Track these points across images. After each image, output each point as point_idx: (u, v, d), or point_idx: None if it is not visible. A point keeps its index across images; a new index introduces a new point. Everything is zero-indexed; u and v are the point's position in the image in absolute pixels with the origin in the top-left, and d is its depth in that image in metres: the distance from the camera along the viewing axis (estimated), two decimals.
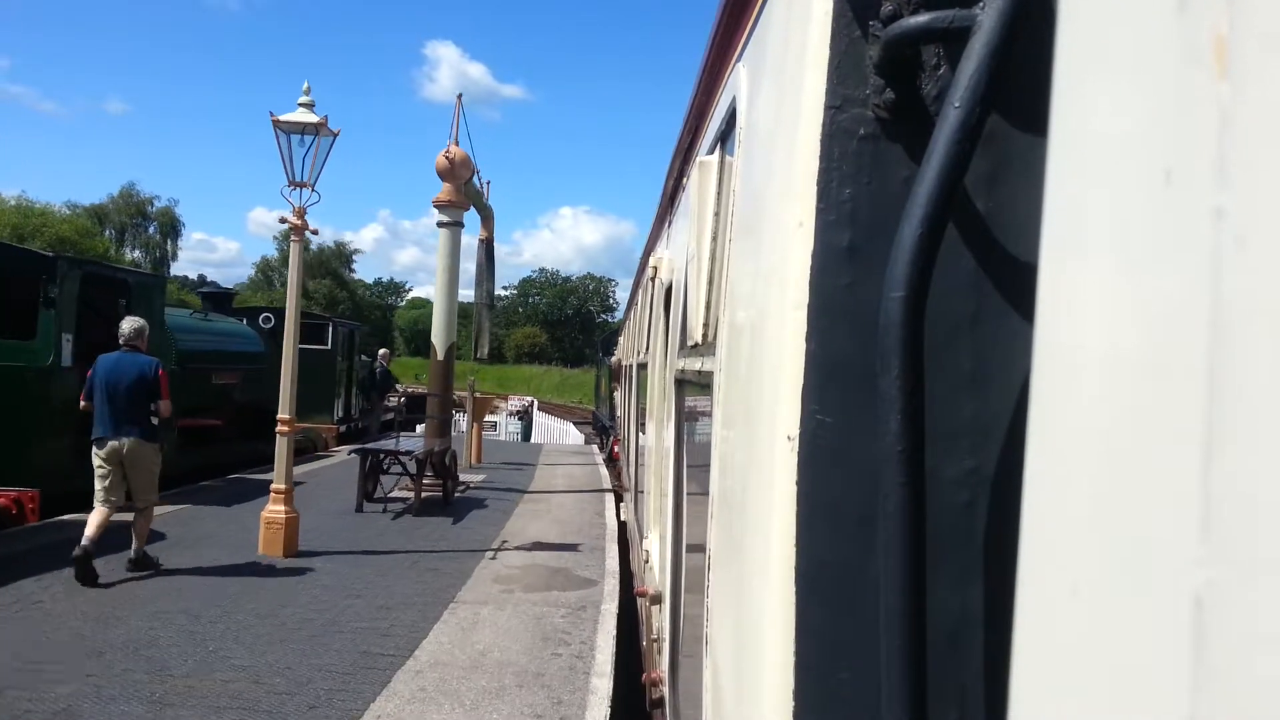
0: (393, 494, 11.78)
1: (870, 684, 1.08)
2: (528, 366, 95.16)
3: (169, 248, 76.84)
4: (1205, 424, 0.41)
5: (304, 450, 16.31)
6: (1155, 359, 0.46)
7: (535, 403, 38.72)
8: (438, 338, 13.78)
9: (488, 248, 16.62)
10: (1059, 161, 0.59)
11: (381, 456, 11.37)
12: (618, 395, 16.70)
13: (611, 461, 18.32)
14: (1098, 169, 0.54)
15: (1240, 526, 0.39)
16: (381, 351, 22.82)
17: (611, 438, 21.51)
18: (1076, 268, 0.56)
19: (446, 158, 13.37)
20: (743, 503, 1.49)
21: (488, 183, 16.24)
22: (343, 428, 20.29)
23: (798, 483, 1.20)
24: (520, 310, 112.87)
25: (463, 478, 13.83)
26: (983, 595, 1.15)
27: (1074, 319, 0.55)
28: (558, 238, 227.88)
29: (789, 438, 1.21)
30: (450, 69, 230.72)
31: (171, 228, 76.61)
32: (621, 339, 15.54)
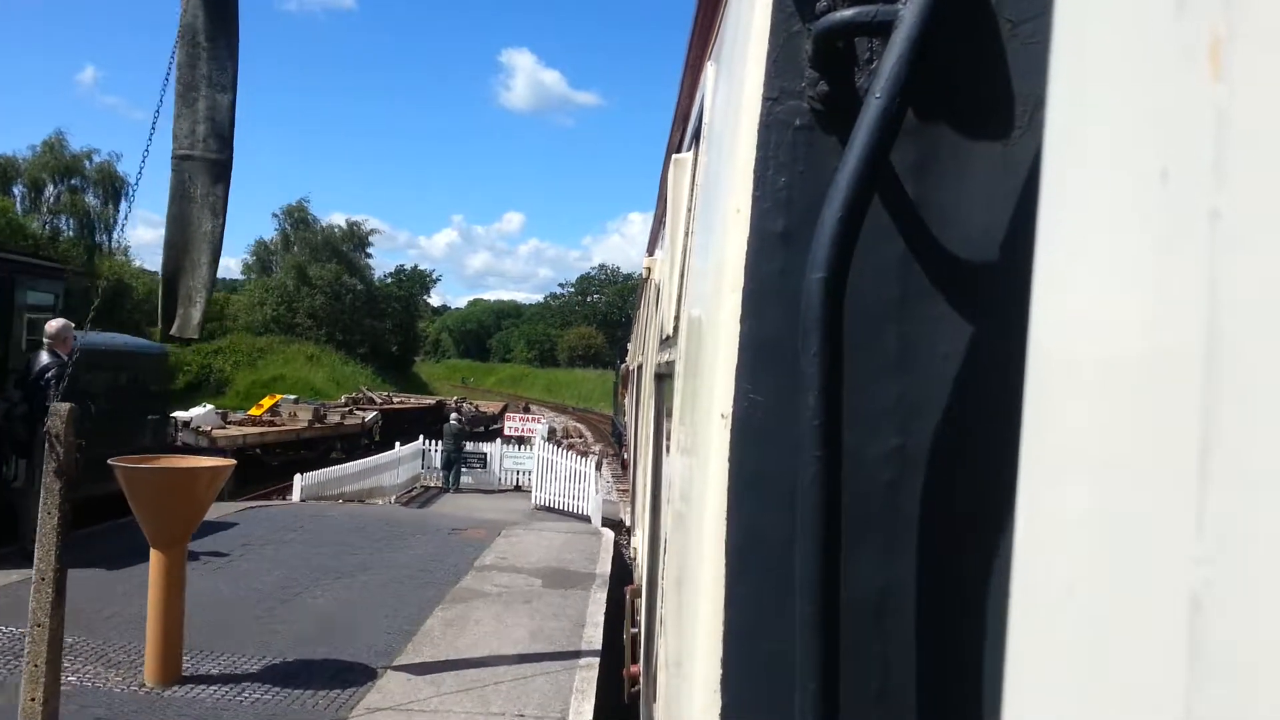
0: None
1: (794, 652, 1.11)
2: (580, 370, 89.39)
3: (108, 214, 55.88)
4: (1203, 422, 0.42)
5: None
6: (1151, 359, 0.46)
7: (546, 430, 25.49)
8: None
9: None
10: (1054, 161, 0.59)
11: None
12: (626, 401, 16.73)
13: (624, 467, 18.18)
14: (1093, 169, 0.55)
15: (1239, 524, 0.40)
16: (51, 325, 9.74)
17: (623, 445, 21.63)
18: (1071, 268, 0.56)
19: None
20: (688, 483, 1.53)
21: None
22: None
23: (730, 459, 1.24)
24: (577, 309, 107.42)
25: None
26: (914, 570, 1.18)
27: (1069, 319, 0.56)
28: (627, 242, 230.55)
29: (723, 416, 1.25)
30: (526, 76, 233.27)
31: (113, 190, 55.60)
32: (629, 345, 15.60)
